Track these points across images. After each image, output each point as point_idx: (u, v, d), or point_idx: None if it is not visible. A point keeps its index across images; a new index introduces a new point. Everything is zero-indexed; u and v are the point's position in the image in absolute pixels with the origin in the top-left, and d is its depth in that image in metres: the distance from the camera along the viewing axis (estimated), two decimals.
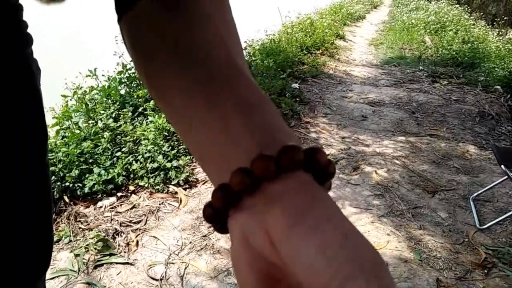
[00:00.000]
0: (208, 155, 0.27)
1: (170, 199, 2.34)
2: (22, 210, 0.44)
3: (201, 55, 0.30)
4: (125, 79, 3.39)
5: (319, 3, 10.73)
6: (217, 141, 0.26)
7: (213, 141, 0.27)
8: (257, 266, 0.22)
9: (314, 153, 0.24)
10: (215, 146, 0.27)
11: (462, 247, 2.06)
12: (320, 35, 6.91)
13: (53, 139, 2.57)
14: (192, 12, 0.32)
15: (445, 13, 10.27)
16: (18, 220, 0.44)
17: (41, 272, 0.49)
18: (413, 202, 2.46)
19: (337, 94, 4.62)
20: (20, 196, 0.44)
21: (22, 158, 0.44)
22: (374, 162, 2.95)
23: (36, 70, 0.47)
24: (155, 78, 0.32)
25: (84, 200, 2.26)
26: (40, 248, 0.48)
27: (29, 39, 0.46)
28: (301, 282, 0.19)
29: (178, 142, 2.77)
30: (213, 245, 1.97)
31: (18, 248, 0.45)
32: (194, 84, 0.29)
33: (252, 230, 0.22)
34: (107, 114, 2.82)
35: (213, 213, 0.25)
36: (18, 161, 0.44)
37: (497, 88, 4.84)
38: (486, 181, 2.70)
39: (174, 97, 0.30)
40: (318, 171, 0.24)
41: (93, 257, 1.83)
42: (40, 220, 0.48)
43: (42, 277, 0.50)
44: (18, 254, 0.45)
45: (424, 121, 3.87)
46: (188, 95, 0.29)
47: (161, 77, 0.31)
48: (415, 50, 7.45)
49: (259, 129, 0.26)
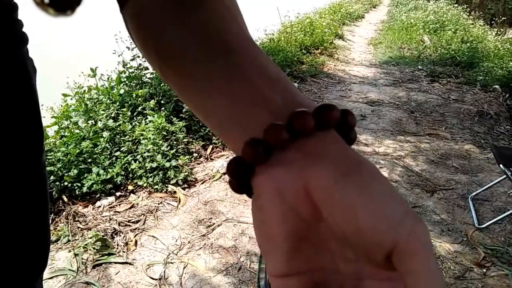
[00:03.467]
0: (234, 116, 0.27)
1: (169, 198, 2.34)
2: (17, 210, 0.44)
3: (216, 29, 0.30)
4: (125, 78, 3.39)
5: (318, 2, 10.73)
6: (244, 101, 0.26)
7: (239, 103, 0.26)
8: (288, 220, 0.22)
9: (347, 114, 0.25)
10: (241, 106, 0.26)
11: (460, 246, 2.07)
12: (319, 34, 6.91)
13: (52, 139, 2.56)
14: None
15: (444, 13, 10.27)
16: (13, 220, 0.44)
17: (38, 271, 0.49)
18: (412, 201, 2.46)
19: (336, 93, 4.62)
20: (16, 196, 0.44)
21: (17, 158, 0.44)
22: (373, 162, 2.95)
23: (31, 69, 0.47)
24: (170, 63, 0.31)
25: (83, 199, 2.25)
26: (37, 248, 0.48)
27: (24, 38, 0.46)
28: (357, 229, 0.20)
29: (176, 142, 2.76)
30: (212, 245, 1.97)
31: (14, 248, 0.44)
32: (212, 56, 0.28)
33: (288, 184, 0.22)
34: (106, 114, 2.82)
35: (239, 168, 0.24)
36: (13, 161, 0.43)
37: (496, 88, 4.84)
38: (484, 181, 2.70)
39: (193, 73, 0.29)
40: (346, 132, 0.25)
41: (92, 257, 1.83)
42: (36, 219, 0.48)
43: (40, 276, 0.50)
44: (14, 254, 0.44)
45: (423, 121, 3.88)
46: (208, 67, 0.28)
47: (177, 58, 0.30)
48: (414, 50, 7.45)
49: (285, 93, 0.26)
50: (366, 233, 0.19)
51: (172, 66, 0.31)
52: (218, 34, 0.29)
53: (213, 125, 0.29)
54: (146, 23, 0.32)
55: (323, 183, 0.21)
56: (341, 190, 0.20)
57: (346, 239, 0.21)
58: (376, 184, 0.20)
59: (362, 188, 0.20)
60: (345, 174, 0.21)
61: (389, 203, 0.20)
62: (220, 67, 0.28)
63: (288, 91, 0.26)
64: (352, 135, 0.25)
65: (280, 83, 0.27)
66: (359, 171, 0.21)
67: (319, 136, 0.23)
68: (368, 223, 0.19)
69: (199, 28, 0.30)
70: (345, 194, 0.20)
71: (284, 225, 0.22)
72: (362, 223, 0.19)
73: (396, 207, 0.20)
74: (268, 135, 0.23)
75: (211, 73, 0.28)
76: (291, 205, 0.22)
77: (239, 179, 0.25)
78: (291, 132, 0.23)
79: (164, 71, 0.32)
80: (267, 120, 0.24)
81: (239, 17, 0.32)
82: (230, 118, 0.27)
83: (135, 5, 0.33)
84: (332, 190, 0.21)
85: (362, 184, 0.20)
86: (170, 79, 0.32)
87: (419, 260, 0.19)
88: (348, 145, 0.24)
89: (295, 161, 0.23)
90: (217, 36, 0.29)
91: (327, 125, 0.23)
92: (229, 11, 0.32)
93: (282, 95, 0.26)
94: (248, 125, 0.26)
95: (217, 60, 0.28)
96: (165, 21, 0.31)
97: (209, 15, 0.30)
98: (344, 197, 0.20)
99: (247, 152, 0.24)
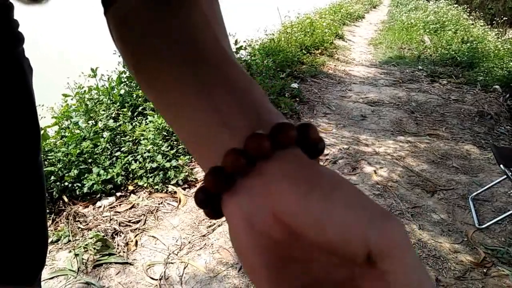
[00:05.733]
0: (199, 138, 0.27)
1: (169, 198, 2.34)
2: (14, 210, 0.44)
3: (188, 40, 0.30)
4: (125, 78, 3.39)
5: (319, 3, 10.73)
6: (208, 123, 0.26)
7: (203, 123, 0.26)
8: (262, 246, 0.22)
9: (306, 129, 0.24)
10: (205, 128, 0.26)
11: (461, 246, 2.06)
12: (320, 34, 6.91)
13: (53, 139, 2.56)
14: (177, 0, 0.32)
15: (444, 13, 10.27)
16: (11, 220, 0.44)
17: (36, 271, 0.49)
18: (412, 201, 2.46)
19: (336, 93, 4.62)
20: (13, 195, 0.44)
21: (14, 158, 0.44)
22: (373, 162, 2.95)
23: (27, 69, 0.47)
24: (144, 67, 0.31)
25: (83, 200, 2.25)
26: (35, 248, 0.48)
27: (20, 37, 0.46)
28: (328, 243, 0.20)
29: (177, 142, 2.76)
30: (212, 245, 1.97)
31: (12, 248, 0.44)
32: (182, 67, 0.28)
33: (254, 211, 0.22)
34: (107, 114, 2.82)
35: (205, 198, 0.24)
36: (10, 161, 0.43)
37: (496, 88, 4.84)
38: (485, 181, 2.70)
39: (162, 83, 0.29)
40: (309, 147, 0.24)
41: (92, 257, 1.83)
42: (34, 219, 0.48)
43: (38, 276, 0.50)
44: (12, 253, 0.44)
45: (423, 121, 3.87)
46: (176, 79, 0.28)
47: (149, 65, 0.30)
48: (414, 50, 7.45)
49: (248, 109, 0.25)
50: (338, 245, 0.19)
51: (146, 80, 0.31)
52: (190, 45, 0.29)
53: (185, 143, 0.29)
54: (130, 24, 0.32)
55: (287, 205, 0.21)
56: (304, 209, 0.20)
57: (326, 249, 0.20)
58: (338, 195, 0.20)
59: (324, 201, 0.20)
60: (306, 192, 0.20)
61: (353, 211, 0.19)
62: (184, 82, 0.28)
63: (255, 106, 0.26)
64: (320, 146, 0.25)
65: (247, 98, 0.26)
66: (319, 185, 0.21)
67: (279, 155, 0.23)
68: (337, 236, 0.19)
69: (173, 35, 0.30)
70: (310, 212, 0.20)
71: (258, 253, 0.22)
72: (331, 236, 0.19)
73: (361, 214, 0.19)
74: (226, 162, 0.23)
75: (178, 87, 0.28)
76: (262, 231, 0.22)
77: (208, 208, 0.25)
78: (248, 157, 0.23)
79: (141, 84, 0.32)
80: (227, 143, 0.24)
81: (215, 23, 0.32)
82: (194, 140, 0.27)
83: (122, 6, 0.33)
84: (296, 210, 0.20)
85: (324, 197, 0.20)
86: (145, 91, 0.32)
87: (394, 260, 0.19)
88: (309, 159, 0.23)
89: (257, 186, 0.22)
90: (189, 46, 0.29)
91: (284, 145, 0.23)
92: (204, 18, 0.31)
93: (246, 113, 0.25)
94: (210, 148, 0.25)
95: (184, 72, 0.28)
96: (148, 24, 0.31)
97: (181, 24, 0.30)
98: (309, 215, 0.20)
99: (209, 181, 0.23)
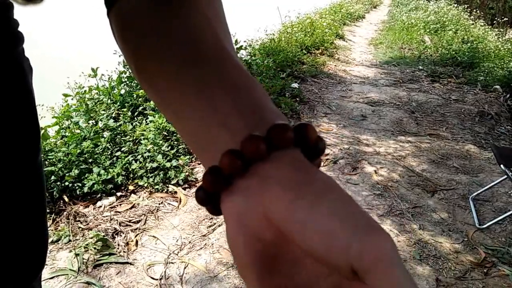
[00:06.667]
0: (198, 138, 0.27)
1: (169, 198, 2.34)
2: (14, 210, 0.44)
3: (188, 39, 0.30)
4: (126, 78, 3.39)
5: (319, 2, 10.73)
6: (208, 123, 0.26)
7: (203, 124, 0.26)
8: (253, 246, 0.22)
9: (304, 130, 0.24)
10: (205, 128, 0.26)
11: (461, 246, 2.06)
12: (320, 34, 6.91)
13: (53, 139, 2.56)
14: None
15: (444, 13, 10.27)
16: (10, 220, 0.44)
17: (36, 271, 0.49)
18: (412, 201, 2.46)
19: (337, 93, 4.61)
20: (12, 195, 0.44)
21: (13, 158, 0.44)
22: (374, 162, 2.95)
23: (27, 68, 0.47)
24: (144, 67, 0.31)
25: (84, 199, 2.25)
26: (34, 247, 0.48)
27: (20, 37, 0.46)
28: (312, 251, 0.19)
29: (177, 142, 2.76)
30: (213, 245, 1.97)
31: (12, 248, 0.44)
32: (182, 67, 0.28)
33: (248, 211, 0.22)
34: (107, 114, 2.82)
35: (205, 196, 0.25)
36: (10, 161, 0.43)
37: (497, 88, 4.84)
38: (485, 181, 2.70)
39: (163, 83, 0.30)
40: (308, 147, 0.24)
41: (93, 257, 1.83)
42: (34, 219, 0.48)
43: (38, 276, 0.50)
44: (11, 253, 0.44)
45: (424, 121, 3.87)
46: (176, 79, 0.28)
47: (150, 65, 0.31)
48: (414, 50, 7.45)
49: (247, 110, 0.26)
50: (321, 255, 0.19)
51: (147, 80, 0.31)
52: (190, 44, 0.29)
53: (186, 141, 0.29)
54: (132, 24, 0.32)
55: (277, 209, 0.21)
56: (291, 214, 0.20)
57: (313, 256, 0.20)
58: (326, 203, 0.20)
59: (312, 208, 0.20)
60: (295, 198, 0.20)
61: (338, 221, 0.19)
62: (184, 81, 0.28)
63: (255, 106, 0.26)
64: (320, 146, 0.25)
65: (247, 98, 0.26)
66: (309, 191, 0.21)
67: (276, 156, 0.23)
68: (321, 246, 0.19)
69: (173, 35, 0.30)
70: (296, 218, 0.20)
71: (248, 251, 0.22)
72: (316, 246, 0.19)
73: (345, 224, 0.19)
74: (223, 163, 0.23)
75: (178, 87, 0.28)
76: (254, 231, 0.22)
77: (208, 206, 0.25)
78: (244, 159, 0.23)
79: (142, 84, 0.32)
80: (226, 144, 0.24)
81: (217, 22, 0.32)
82: (194, 140, 0.28)
83: (124, 5, 0.33)
84: (284, 216, 0.20)
85: (312, 204, 0.20)
86: (147, 91, 0.32)
87: (378, 276, 0.18)
88: (305, 162, 0.23)
89: (252, 187, 0.22)
90: (190, 46, 0.29)
91: (279, 147, 0.23)
92: (205, 17, 0.31)
93: (246, 113, 0.25)
94: (210, 148, 0.26)
95: (183, 72, 0.28)
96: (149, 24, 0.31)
97: (182, 23, 0.31)
98: (296, 221, 0.20)
99: (207, 181, 0.24)
